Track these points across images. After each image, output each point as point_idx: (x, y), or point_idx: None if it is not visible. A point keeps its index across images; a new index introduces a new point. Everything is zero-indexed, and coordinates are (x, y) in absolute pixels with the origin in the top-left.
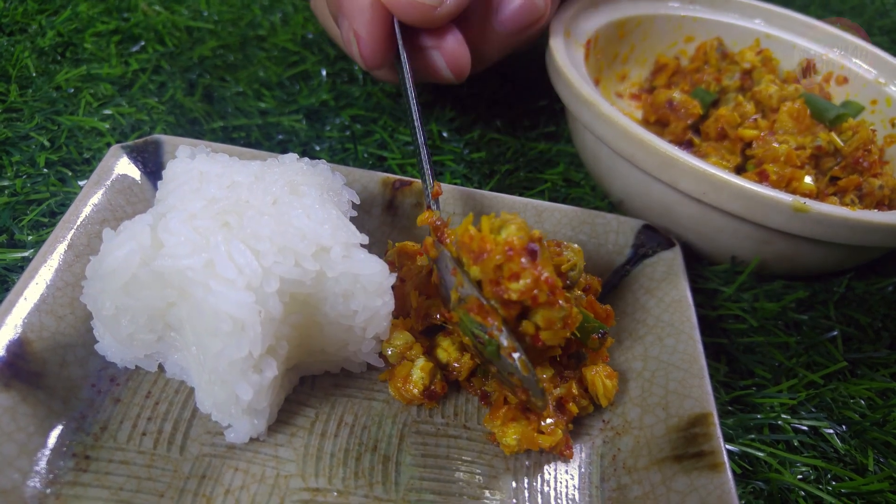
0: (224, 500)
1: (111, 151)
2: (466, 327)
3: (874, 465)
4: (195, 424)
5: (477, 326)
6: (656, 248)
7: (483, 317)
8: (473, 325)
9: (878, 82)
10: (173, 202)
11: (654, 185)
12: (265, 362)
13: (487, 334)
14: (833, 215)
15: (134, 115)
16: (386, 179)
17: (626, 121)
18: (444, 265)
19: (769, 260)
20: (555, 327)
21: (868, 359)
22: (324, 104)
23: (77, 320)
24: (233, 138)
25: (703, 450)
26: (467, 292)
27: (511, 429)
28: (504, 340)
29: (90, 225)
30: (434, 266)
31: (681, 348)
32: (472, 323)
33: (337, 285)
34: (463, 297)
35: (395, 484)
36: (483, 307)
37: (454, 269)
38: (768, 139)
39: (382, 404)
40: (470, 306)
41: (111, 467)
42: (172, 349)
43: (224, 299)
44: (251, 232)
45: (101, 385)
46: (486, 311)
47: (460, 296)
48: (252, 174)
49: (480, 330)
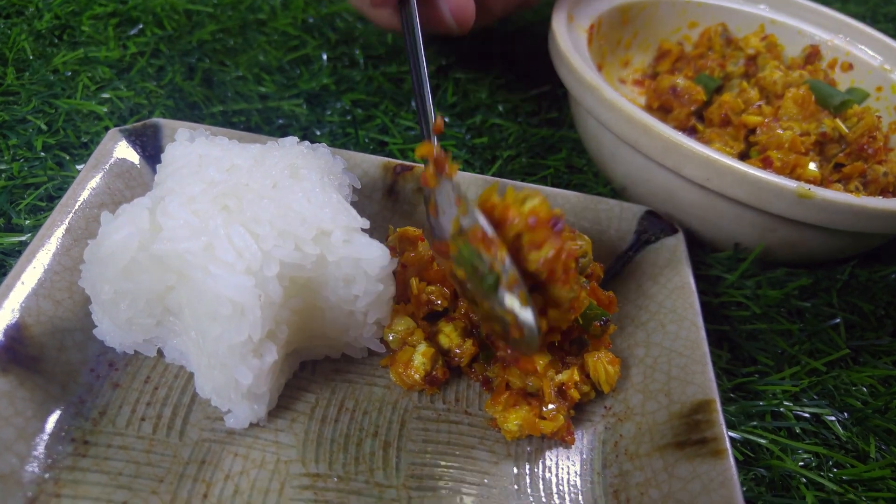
0: (224, 486)
1: (109, 135)
2: (466, 259)
3: (876, 453)
4: (195, 409)
5: (477, 258)
6: (659, 234)
7: (487, 247)
8: (474, 256)
9: (883, 69)
10: (172, 185)
11: (657, 170)
12: (265, 347)
13: (489, 266)
14: (837, 202)
15: (132, 98)
16: (387, 164)
17: (629, 106)
18: (445, 195)
19: (772, 247)
20: (563, 307)
21: (870, 346)
22: (324, 88)
23: (75, 304)
24: (233, 123)
25: (706, 436)
26: (471, 222)
27: (513, 414)
28: (507, 271)
29: (88, 209)
30: (430, 199)
31: (683, 335)
32: (473, 254)
33: (338, 269)
34: (465, 227)
35: (396, 469)
36: (487, 237)
37: (458, 198)
38: (772, 125)
39: (383, 390)
40: (473, 235)
41: (110, 452)
42: (172, 333)
43: (223, 283)
44: (251, 215)
45: (100, 370)
46: (490, 241)
47: (462, 226)
48: (252, 157)
49: (481, 262)
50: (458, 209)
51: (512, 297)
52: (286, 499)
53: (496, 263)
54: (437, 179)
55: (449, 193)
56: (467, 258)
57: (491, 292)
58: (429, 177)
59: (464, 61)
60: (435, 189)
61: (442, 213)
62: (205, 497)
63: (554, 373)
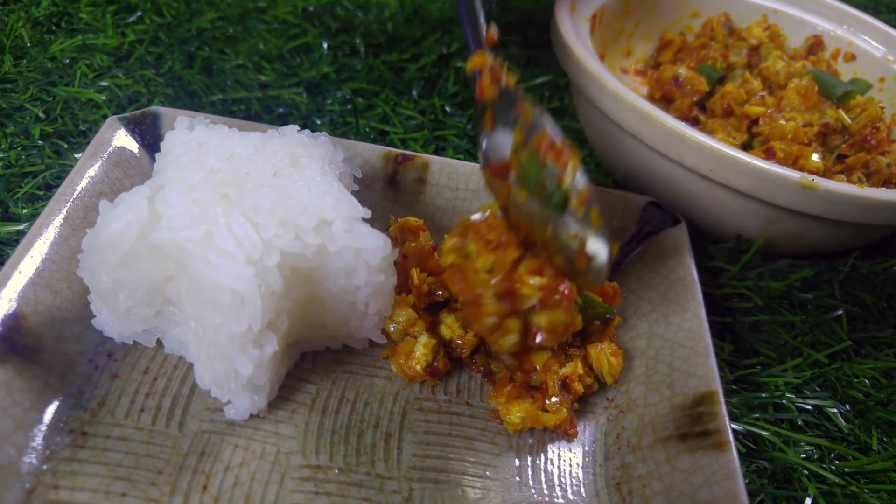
0: (224, 477)
1: (108, 123)
2: (530, 174)
3: (878, 445)
4: (194, 400)
5: (544, 170)
6: (661, 225)
7: (556, 156)
8: (540, 169)
9: (886, 59)
10: (171, 174)
11: (659, 161)
12: (265, 337)
13: (557, 181)
14: (840, 192)
15: (131, 86)
16: (388, 153)
17: (632, 96)
18: (505, 105)
19: (775, 238)
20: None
21: (873, 338)
22: (325, 77)
23: (73, 294)
24: (232, 111)
25: (708, 428)
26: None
27: (515, 407)
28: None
29: (86, 198)
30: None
31: (686, 326)
32: (539, 167)
33: (339, 259)
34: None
35: (397, 461)
36: (556, 144)
37: (522, 103)
38: (775, 116)
39: (384, 381)
40: (539, 144)
41: (109, 444)
42: (171, 324)
43: (223, 272)
44: (251, 204)
45: (99, 360)
46: (560, 149)
47: (526, 136)
48: (252, 146)
49: (547, 175)
50: (521, 117)
51: (582, 219)
52: (286, 490)
53: (566, 177)
54: (494, 89)
55: (510, 103)
56: (532, 173)
57: (557, 213)
58: (484, 88)
59: (465, 50)
60: (491, 102)
61: (500, 127)
62: (204, 488)
63: (558, 366)
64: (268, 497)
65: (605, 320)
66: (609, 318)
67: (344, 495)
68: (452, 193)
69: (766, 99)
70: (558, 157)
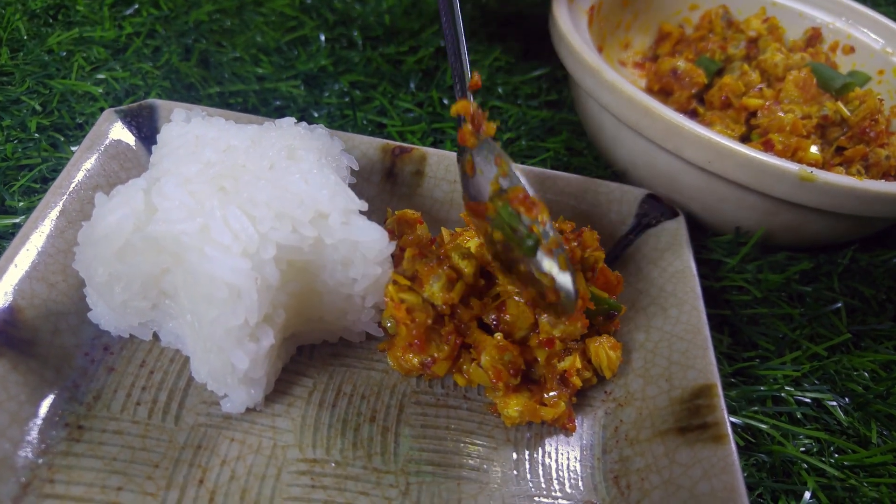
0: (220, 471)
1: (104, 116)
2: (503, 220)
3: (877, 438)
4: (190, 394)
5: (516, 219)
6: (660, 217)
7: (528, 208)
8: (513, 217)
9: (885, 52)
10: (168, 166)
11: (658, 153)
12: (261, 330)
13: (528, 228)
14: (839, 185)
15: (128, 79)
16: (385, 146)
17: (630, 88)
18: (483, 154)
19: (774, 231)
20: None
21: (872, 331)
22: (322, 70)
23: (69, 287)
24: (229, 104)
25: (707, 421)
26: (512, 182)
27: (513, 400)
28: (548, 234)
29: (83, 191)
30: (466, 157)
31: (684, 319)
32: (512, 216)
33: (335, 252)
34: (505, 187)
35: (394, 455)
36: (529, 198)
37: (498, 157)
38: (773, 108)
39: (381, 374)
40: (513, 196)
41: (105, 437)
42: (167, 317)
43: (219, 265)
44: (247, 197)
45: (95, 354)
46: (532, 202)
47: (501, 186)
48: (248, 138)
49: (520, 223)
50: (497, 169)
51: (551, 261)
52: (283, 484)
53: (536, 225)
54: (475, 138)
55: (488, 153)
56: (506, 219)
57: (529, 255)
58: (466, 135)
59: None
60: (472, 149)
61: (479, 173)
62: (201, 482)
63: (556, 360)
64: (264, 491)
65: (609, 315)
66: (614, 313)
67: (341, 489)
68: (450, 186)
69: (765, 91)
70: (530, 210)
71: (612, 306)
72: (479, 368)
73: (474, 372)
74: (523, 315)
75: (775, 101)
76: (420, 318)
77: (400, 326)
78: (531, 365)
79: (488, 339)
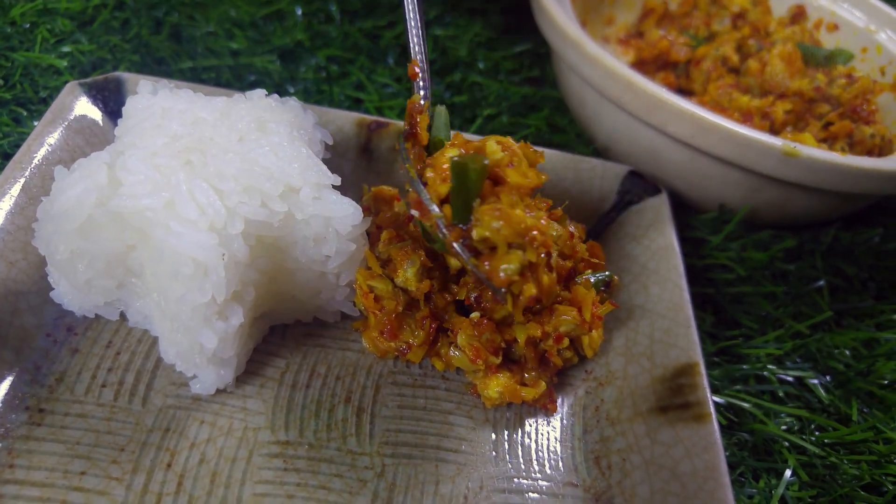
0: (189, 454)
1: (68, 88)
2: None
3: (858, 415)
4: (159, 375)
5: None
6: (642, 194)
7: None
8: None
9: (868, 30)
10: (132, 139)
11: (641, 128)
12: (230, 309)
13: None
14: (823, 160)
15: (95, 52)
16: (361, 120)
17: (613, 61)
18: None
19: (758, 208)
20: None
21: (854, 309)
22: (298, 44)
23: (30, 266)
24: (202, 79)
25: (689, 400)
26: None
27: (493, 381)
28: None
29: (45, 166)
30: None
31: (666, 297)
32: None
33: (307, 228)
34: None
35: (370, 436)
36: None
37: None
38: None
39: (357, 354)
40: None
41: (67, 421)
42: (134, 296)
43: (185, 241)
44: (215, 170)
45: (58, 334)
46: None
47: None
48: (217, 110)
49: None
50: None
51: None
52: (254, 467)
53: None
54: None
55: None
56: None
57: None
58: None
59: (443, 18)
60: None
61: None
62: (169, 466)
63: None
64: (235, 474)
65: (606, 285)
66: (608, 282)
67: (314, 472)
68: None
69: (751, 64)
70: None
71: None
72: (457, 354)
73: (454, 357)
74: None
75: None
76: (389, 307)
77: (369, 315)
78: (510, 345)
79: (465, 320)
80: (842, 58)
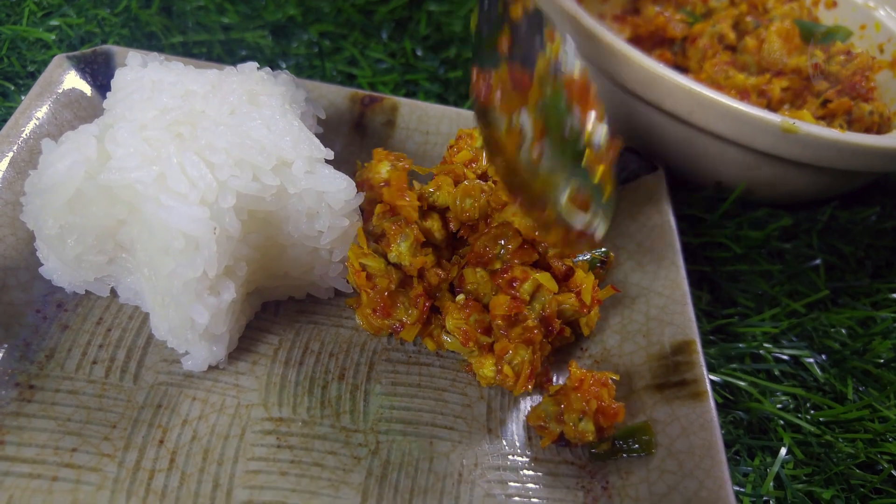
0: (181, 431)
1: (55, 61)
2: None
3: (853, 394)
4: (150, 352)
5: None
6: (638, 171)
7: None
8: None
9: (867, 6)
10: (122, 112)
11: (637, 105)
12: (222, 284)
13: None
14: (822, 137)
15: (83, 26)
16: (354, 95)
17: (609, 35)
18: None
19: (755, 186)
20: None
21: (850, 288)
22: (291, 19)
23: (19, 242)
24: (193, 54)
25: (685, 378)
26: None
27: (488, 360)
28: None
29: (33, 140)
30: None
31: (662, 274)
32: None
33: (300, 203)
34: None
35: (364, 413)
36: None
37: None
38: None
39: (350, 331)
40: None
41: (58, 397)
42: (125, 272)
43: (176, 215)
44: (206, 143)
45: (47, 311)
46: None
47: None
48: (208, 83)
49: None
50: (548, 46)
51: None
52: (247, 444)
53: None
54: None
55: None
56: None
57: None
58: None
59: None
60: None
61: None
62: (161, 443)
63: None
64: (227, 452)
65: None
66: (604, 259)
67: (308, 448)
68: (423, 137)
69: (748, 42)
70: (586, 106)
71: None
72: (448, 339)
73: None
74: (483, 284)
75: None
76: (382, 285)
77: (362, 293)
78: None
79: (452, 305)
80: (840, 34)
